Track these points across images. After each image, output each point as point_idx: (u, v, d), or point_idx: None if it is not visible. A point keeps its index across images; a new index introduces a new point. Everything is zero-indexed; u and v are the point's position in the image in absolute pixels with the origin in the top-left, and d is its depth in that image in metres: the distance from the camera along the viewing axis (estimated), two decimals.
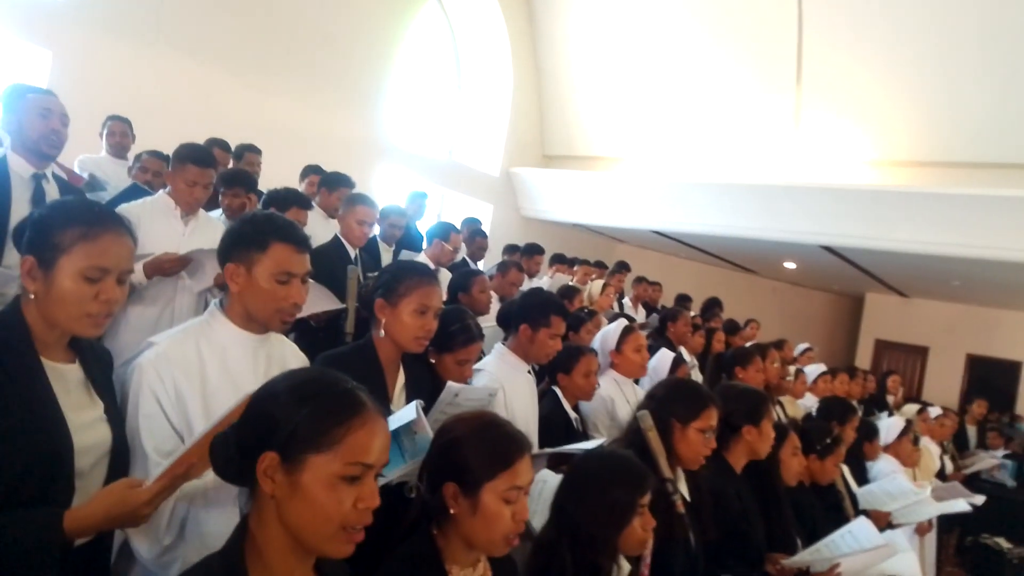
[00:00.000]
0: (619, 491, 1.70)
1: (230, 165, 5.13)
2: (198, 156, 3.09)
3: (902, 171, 8.09)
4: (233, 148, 5.30)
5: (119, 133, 4.74)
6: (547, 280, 6.37)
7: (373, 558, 1.41)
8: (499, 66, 9.97)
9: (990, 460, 6.70)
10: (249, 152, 5.34)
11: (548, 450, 2.33)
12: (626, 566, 1.79)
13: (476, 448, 1.43)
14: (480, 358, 2.80)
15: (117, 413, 1.52)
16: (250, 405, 1.12)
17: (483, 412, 1.58)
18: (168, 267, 2.80)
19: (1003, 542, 6.60)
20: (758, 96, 8.75)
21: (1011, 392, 10.91)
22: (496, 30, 9.80)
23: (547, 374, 3.06)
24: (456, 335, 2.34)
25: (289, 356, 1.81)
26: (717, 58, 8.84)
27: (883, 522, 3.42)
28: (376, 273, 2.22)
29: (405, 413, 1.70)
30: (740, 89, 8.85)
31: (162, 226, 3.01)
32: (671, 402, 2.24)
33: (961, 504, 3.79)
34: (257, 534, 1.08)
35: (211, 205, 3.58)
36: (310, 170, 5.41)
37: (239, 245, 1.65)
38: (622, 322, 3.56)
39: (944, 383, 11.09)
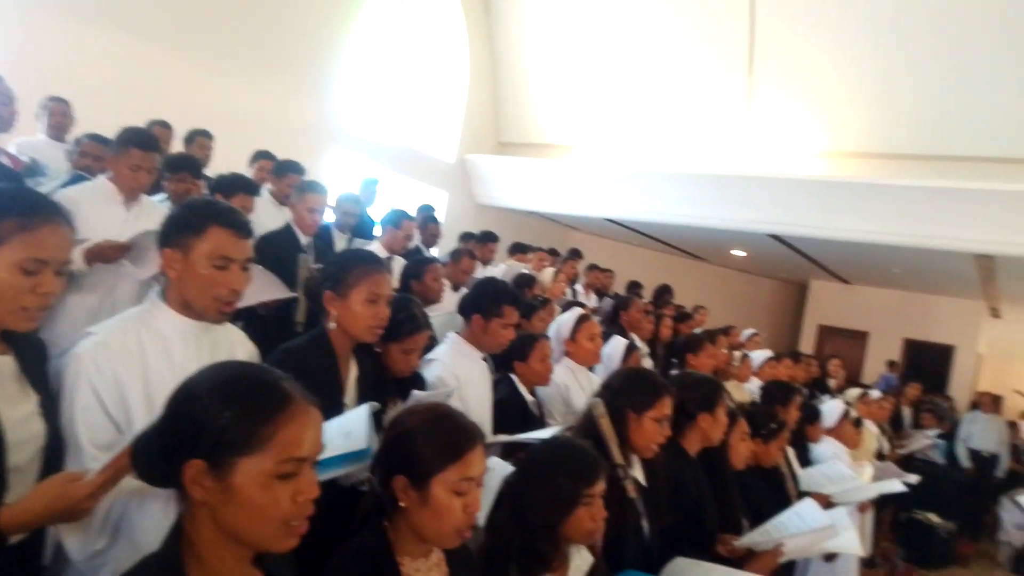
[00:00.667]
0: (564, 480, 1.70)
1: (171, 145, 5.00)
2: (142, 140, 3.00)
3: (848, 162, 8.31)
4: (178, 130, 5.14)
5: (59, 114, 4.53)
6: (502, 268, 6.37)
7: (323, 552, 1.39)
8: (454, 52, 9.88)
9: (924, 440, 6.99)
10: (201, 136, 5.19)
11: (502, 438, 2.34)
12: (588, 557, 1.80)
13: (427, 440, 1.41)
14: (431, 347, 2.79)
15: (52, 406, 1.47)
16: (170, 407, 1.06)
17: (436, 404, 1.57)
18: (109, 254, 2.69)
19: (933, 517, 6.92)
20: (710, 86, 8.86)
21: (944, 374, 11.39)
22: (452, 15, 9.70)
23: (502, 363, 3.07)
24: (402, 324, 2.29)
25: (236, 343, 1.77)
26: (670, 49, 8.92)
27: (822, 503, 3.54)
28: (320, 264, 2.17)
29: (357, 422, 1.69)
30: (692, 79, 8.96)
31: (103, 212, 2.90)
32: (626, 392, 2.25)
33: (896, 485, 3.94)
34: (193, 535, 1.04)
35: (154, 190, 3.47)
36: (260, 155, 5.29)
37: (177, 230, 1.60)
38: (576, 311, 3.58)
39: (882, 366, 11.48)
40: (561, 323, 3.49)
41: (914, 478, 4.62)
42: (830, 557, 3.74)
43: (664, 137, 9.37)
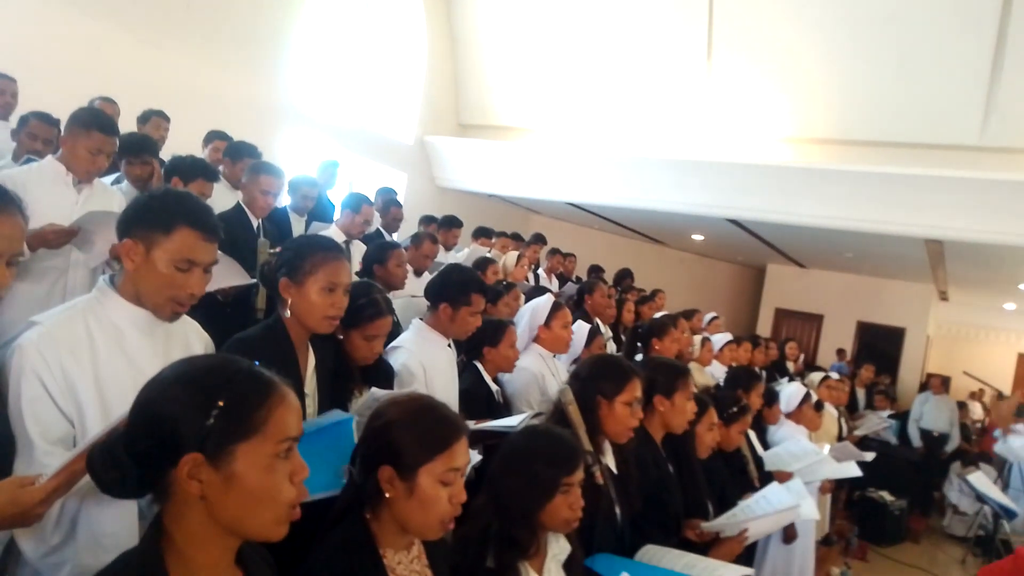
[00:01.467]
0: (542, 467, 1.72)
1: (118, 122, 4.82)
2: (105, 123, 2.88)
3: (805, 148, 8.47)
4: (125, 110, 4.95)
5: (9, 93, 4.32)
6: (465, 252, 6.34)
7: (303, 545, 1.37)
8: (412, 31, 9.72)
9: (879, 421, 7.24)
10: (157, 116, 5.01)
11: (474, 425, 2.33)
12: (566, 546, 1.82)
13: (412, 430, 1.41)
14: (396, 333, 2.76)
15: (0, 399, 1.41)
16: (138, 411, 1.03)
17: (417, 395, 1.56)
18: (53, 239, 2.58)
19: (886, 495, 7.19)
20: (670, 70, 8.91)
21: (895, 356, 11.78)
22: None
23: (471, 347, 3.06)
24: (363, 309, 2.25)
25: (191, 334, 1.73)
26: (631, 32, 8.93)
27: (786, 480, 3.64)
28: (279, 248, 2.12)
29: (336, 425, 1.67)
30: (653, 62, 8.99)
31: (52, 194, 2.78)
32: (595, 379, 2.27)
33: (854, 469, 4.06)
34: (175, 533, 1.03)
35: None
36: (214, 135, 5.13)
37: (143, 222, 1.54)
38: (550, 297, 3.58)
39: (836, 348, 11.83)
40: (536, 308, 3.48)
41: (870, 456, 4.78)
42: (788, 540, 3.86)
43: (625, 121, 9.42)
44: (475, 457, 2.00)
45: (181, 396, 1.01)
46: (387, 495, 1.40)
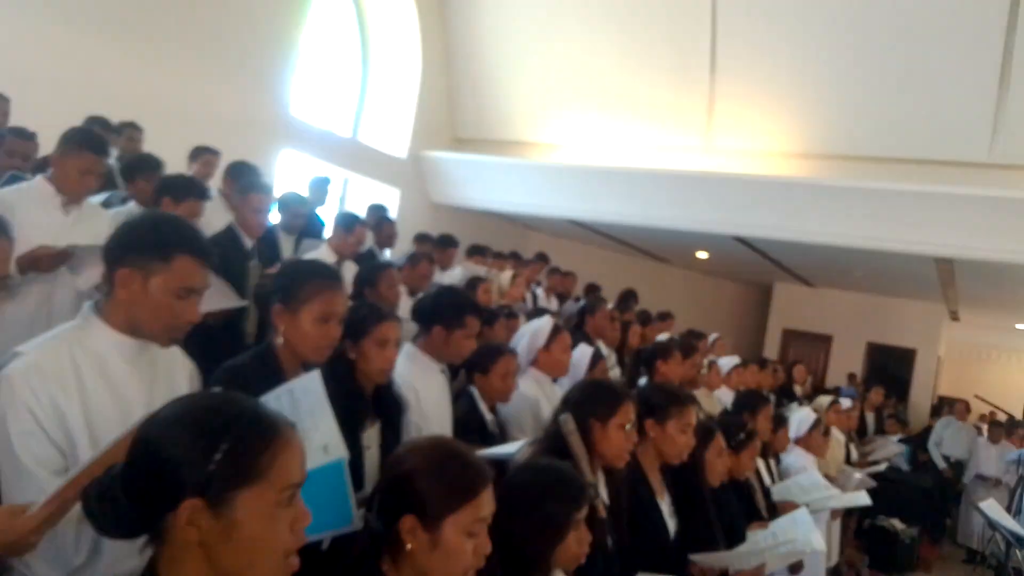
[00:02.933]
0: (554, 505, 1.71)
1: (113, 146, 4.87)
2: (96, 143, 2.92)
3: (811, 164, 8.51)
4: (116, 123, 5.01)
5: (0, 112, 4.34)
6: (459, 271, 6.35)
7: None
8: (407, 44, 9.80)
9: (893, 448, 7.22)
10: (131, 129, 5.05)
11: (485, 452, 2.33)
12: None
13: (438, 479, 1.38)
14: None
15: None
16: (138, 450, 1.03)
17: (439, 439, 1.55)
18: (45, 263, 2.60)
19: (896, 523, 7.16)
20: (673, 84, 8.98)
21: (906, 378, 11.78)
22: (404, 7, 9.61)
23: (463, 373, 3.05)
24: (366, 317, 2.28)
25: (175, 362, 1.73)
26: (632, 46, 9.00)
27: (791, 511, 3.63)
28: (273, 269, 2.13)
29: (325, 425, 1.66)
30: (656, 75, 9.06)
31: (40, 216, 2.78)
32: (587, 403, 2.28)
33: (862, 497, 4.05)
34: None
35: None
36: (202, 150, 5.15)
37: (139, 250, 1.54)
38: (551, 320, 3.58)
39: (846, 370, 11.82)
40: (537, 330, 3.45)
41: (871, 483, 4.77)
42: (795, 568, 3.85)
43: (628, 136, 9.46)
44: None
45: (183, 438, 1.00)
46: (408, 546, 1.36)
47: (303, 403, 1.68)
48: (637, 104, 9.28)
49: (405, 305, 4.05)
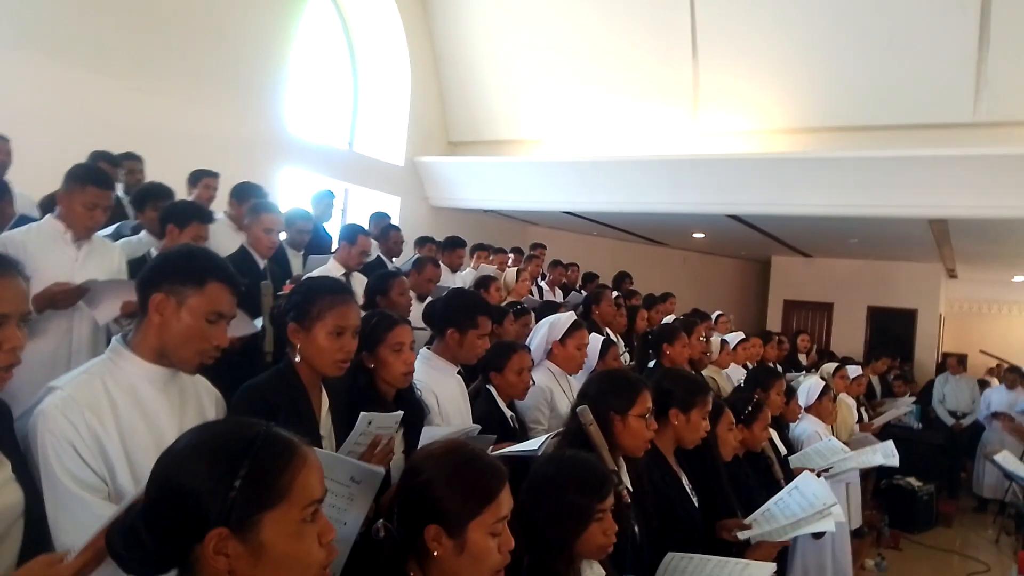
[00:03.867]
0: (575, 496, 1.72)
1: (119, 178, 4.90)
2: (99, 177, 2.95)
3: (799, 138, 8.50)
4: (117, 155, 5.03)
5: (2, 152, 4.31)
6: (469, 272, 6.37)
7: None
8: (395, 53, 9.79)
9: (903, 407, 7.21)
10: (131, 160, 5.05)
11: (497, 453, 2.33)
12: (599, 571, 1.81)
13: (457, 486, 1.38)
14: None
15: (26, 470, 1.43)
16: (156, 486, 1.03)
17: (452, 444, 1.54)
18: (61, 299, 2.62)
19: (913, 481, 7.16)
20: (656, 70, 8.96)
21: (909, 338, 11.75)
22: (389, 16, 9.60)
23: (479, 372, 3.06)
24: (378, 325, 2.30)
25: (201, 390, 1.76)
26: (613, 36, 8.98)
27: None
28: (285, 289, 2.14)
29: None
30: (638, 64, 9.04)
31: (52, 254, 2.82)
32: (605, 395, 2.28)
33: (879, 458, 4.05)
34: None
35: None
36: (202, 173, 5.15)
37: (174, 276, 1.59)
38: (572, 315, 3.59)
39: (849, 336, 11.81)
40: (555, 324, 3.46)
41: (891, 448, 4.75)
42: (818, 535, 3.85)
43: (616, 125, 9.45)
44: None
45: (201, 468, 1.00)
46: (435, 553, 1.36)
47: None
48: (623, 93, 9.27)
49: (415, 311, 4.06)
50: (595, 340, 3.96)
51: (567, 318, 3.47)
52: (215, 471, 1.00)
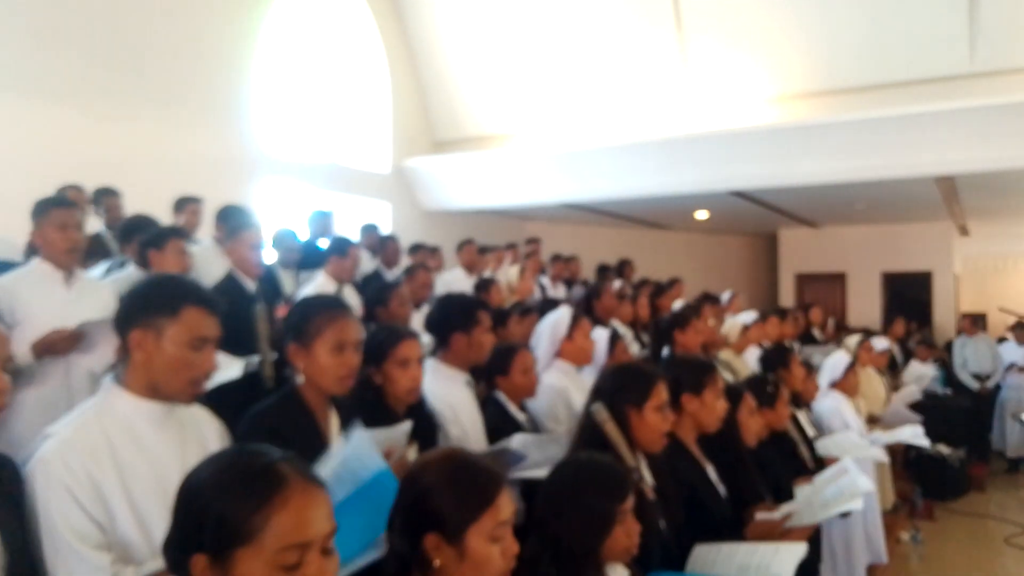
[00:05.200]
0: (596, 500, 1.72)
1: (89, 206, 4.92)
2: (58, 200, 3.04)
3: (794, 104, 8.47)
4: (92, 189, 5.04)
5: None
6: (459, 272, 6.39)
7: None
8: (370, 57, 9.78)
9: (927, 374, 7.19)
10: (107, 196, 5.08)
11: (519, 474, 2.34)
12: (622, 571, 1.82)
13: (452, 492, 1.40)
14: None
15: (17, 525, 1.45)
16: (177, 500, 1.09)
17: (449, 451, 1.56)
18: (60, 346, 2.65)
19: (943, 448, 7.13)
20: (642, 48, 8.93)
21: (926, 301, 11.73)
22: (362, 20, 9.59)
23: (486, 380, 3.06)
24: (384, 340, 2.31)
25: (203, 422, 1.77)
26: (595, 17, 8.95)
27: None
28: (281, 310, 2.16)
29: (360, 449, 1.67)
30: (622, 45, 9.01)
31: (43, 296, 2.85)
32: (620, 390, 2.27)
33: (907, 434, 4.04)
34: None
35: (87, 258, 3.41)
36: (187, 200, 5.17)
37: (146, 310, 1.60)
38: (568, 309, 3.60)
39: (865, 304, 11.79)
40: (557, 322, 3.47)
41: (916, 418, 4.76)
42: (845, 513, 3.85)
43: (606, 110, 9.43)
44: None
45: (204, 489, 1.06)
46: (436, 562, 1.38)
47: (362, 461, 1.69)
48: (610, 75, 9.24)
49: (415, 319, 4.07)
50: (601, 335, 3.96)
51: (566, 312, 3.48)
52: (206, 497, 1.05)
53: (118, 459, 1.53)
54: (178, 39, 7.10)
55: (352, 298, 4.44)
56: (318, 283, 4.49)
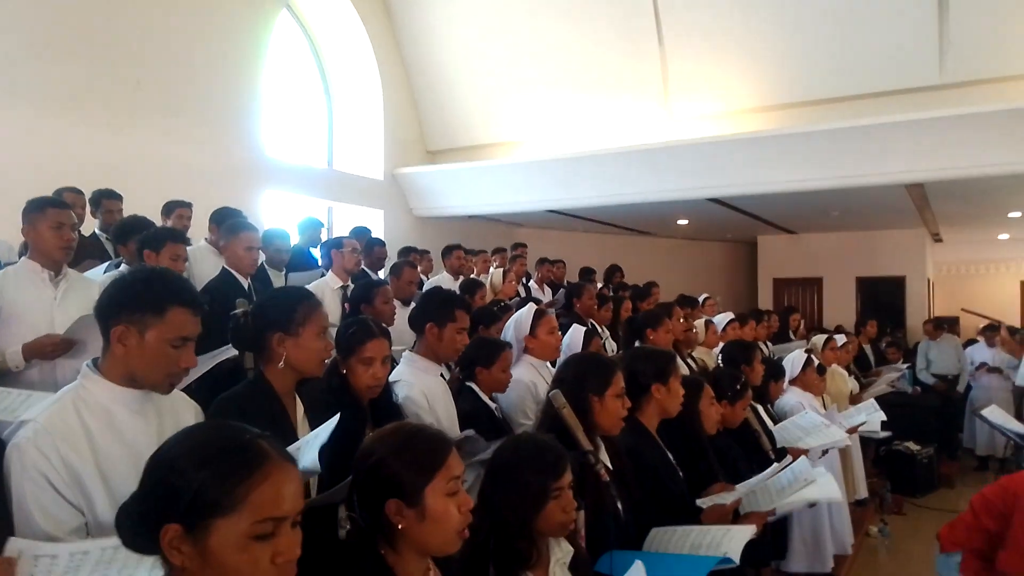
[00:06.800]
0: (531, 475, 1.77)
1: (87, 209, 4.94)
2: (54, 200, 2.99)
3: (770, 116, 8.55)
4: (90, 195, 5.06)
5: None
6: (445, 276, 6.43)
7: None
8: (365, 69, 9.83)
9: (893, 372, 7.27)
10: (107, 199, 5.08)
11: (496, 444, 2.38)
12: (568, 548, 1.86)
13: (406, 458, 1.47)
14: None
15: None
16: (147, 473, 1.09)
17: (397, 424, 1.61)
18: (50, 351, 2.64)
19: (912, 445, 7.21)
20: (625, 62, 9.02)
21: (899, 306, 11.82)
22: (355, 33, 9.63)
23: (463, 369, 3.12)
24: (354, 335, 2.37)
25: (180, 406, 1.78)
26: (580, 31, 9.03)
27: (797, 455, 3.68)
28: (240, 309, 2.20)
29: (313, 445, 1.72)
30: (606, 57, 9.10)
31: (30, 294, 2.82)
32: (582, 379, 2.34)
33: (862, 416, 4.10)
34: None
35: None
36: (176, 204, 5.20)
37: (133, 307, 1.59)
38: (532, 306, 3.65)
39: (840, 308, 11.88)
40: (519, 320, 3.54)
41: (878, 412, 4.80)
42: (812, 503, 3.90)
43: (590, 120, 9.50)
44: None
45: (178, 462, 1.05)
46: (400, 526, 1.44)
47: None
48: (594, 87, 9.32)
49: (401, 317, 4.10)
50: (577, 331, 4.02)
51: (528, 311, 3.55)
52: (184, 468, 1.05)
53: (95, 444, 1.53)
54: (178, 50, 7.13)
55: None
56: (323, 282, 4.52)
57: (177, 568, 1.05)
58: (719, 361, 4.46)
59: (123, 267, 3.86)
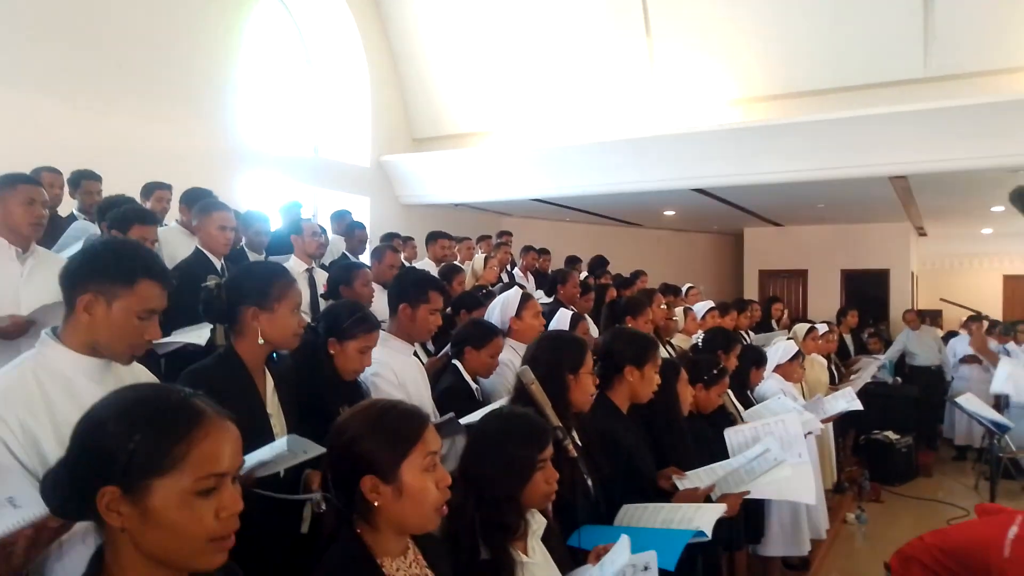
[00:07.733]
0: (516, 448, 1.78)
1: (64, 189, 4.88)
2: (25, 176, 2.93)
3: (756, 107, 8.57)
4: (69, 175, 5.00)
5: None
6: (427, 261, 6.41)
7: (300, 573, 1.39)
8: (351, 54, 9.77)
9: (874, 363, 7.32)
10: (87, 180, 5.01)
11: (470, 419, 2.38)
12: (542, 520, 1.86)
13: (381, 434, 1.42)
14: None
15: None
16: (76, 437, 1.06)
17: (372, 400, 1.59)
18: (10, 331, 2.58)
19: (891, 435, 7.27)
20: (612, 52, 9.00)
21: (883, 298, 11.91)
22: (342, 20, 9.56)
23: (454, 346, 3.12)
24: (360, 323, 2.42)
25: (141, 378, 1.75)
26: (568, 21, 9.01)
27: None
28: (211, 282, 2.18)
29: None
30: (594, 47, 9.07)
31: None
32: (556, 357, 2.35)
33: (842, 403, 4.12)
34: (112, 565, 1.05)
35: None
36: (154, 186, 5.14)
37: (102, 276, 1.57)
38: (518, 290, 3.65)
39: (825, 300, 11.94)
40: (506, 302, 3.53)
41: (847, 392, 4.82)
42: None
43: (576, 109, 9.48)
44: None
45: (107, 426, 1.03)
46: (376, 504, 1.41)
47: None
48: (582, 76, 9.29)
49: (379, 299, 4.08)
50: (564, 314, 4.01)
51: (515, 293, 3.55)
52: (117, 430, 1.02)
53: (53, 410, 1.51)
54: (160, 31, 7.05)
55: (320, 279, 4.45)
56: (290, 266, 4.48)
57: (115, 530, 1.03)
58: (699, 344, 4.45)
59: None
